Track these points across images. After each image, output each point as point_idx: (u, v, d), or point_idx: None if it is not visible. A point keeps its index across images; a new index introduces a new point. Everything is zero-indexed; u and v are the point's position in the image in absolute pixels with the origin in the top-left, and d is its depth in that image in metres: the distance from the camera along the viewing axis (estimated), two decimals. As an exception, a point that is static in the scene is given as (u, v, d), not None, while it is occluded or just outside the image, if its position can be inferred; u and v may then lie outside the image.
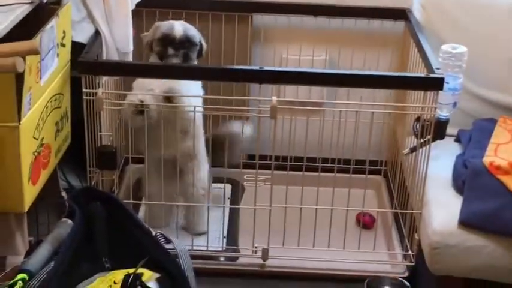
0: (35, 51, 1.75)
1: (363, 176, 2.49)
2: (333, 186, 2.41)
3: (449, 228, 2.21)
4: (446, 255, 2.20)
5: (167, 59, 2.37)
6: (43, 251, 1.81)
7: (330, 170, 2.56)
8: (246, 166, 2.62)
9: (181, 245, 1.76)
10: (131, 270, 1.64)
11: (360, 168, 2.54)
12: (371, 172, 2.66)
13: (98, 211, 1.78)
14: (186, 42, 2.39)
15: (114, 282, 1.61)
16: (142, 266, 1.67)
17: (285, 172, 2.48)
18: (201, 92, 2.44)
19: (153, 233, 1.77)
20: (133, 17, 2.66)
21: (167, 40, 2.38)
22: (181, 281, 1.69)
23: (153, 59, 2.42)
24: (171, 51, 2.36)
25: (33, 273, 1.71)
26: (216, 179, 2.65)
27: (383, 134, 2.90)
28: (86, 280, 1.67)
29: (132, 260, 1.70)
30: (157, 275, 1.65)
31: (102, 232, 1.78)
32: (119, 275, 1.63)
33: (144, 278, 1.61)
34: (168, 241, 1.76)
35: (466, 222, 2.20)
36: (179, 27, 2.40)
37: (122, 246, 1.76)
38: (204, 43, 2.47)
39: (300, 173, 2.48)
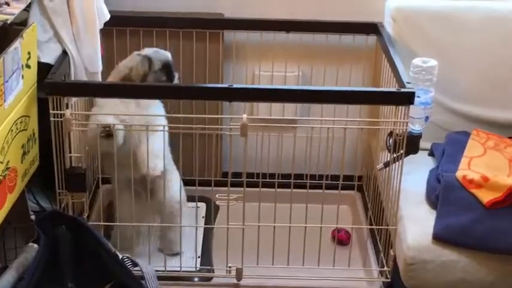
0: (-8, 74, 1.72)
1: (337, 191, 2.48)
2: (306, 203, 2.38)
3: (423, 244, 2.19)
4: (421, 270, 2.19)
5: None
6: (8, 277, 1.80)
7: (304, 186, 2.54)
8: (218, 184, 2.60)
9: (148, 267, 1.73)
10: (96, 296, 1.61)
11: (334, 183, 2.52)
12: (346, 187, 2.64)
13: (63, 235, 1.76)
14: None
15: (79, 308, 1.58)
16: (108, 291, 1.65)
17: (257, 189, 2.45)
18: (162, 109, 2.42)
19: (120, 256, 1.74)
20: (103, 36, 2.65)
21: (169, 67, 2.42)
22: (148, 304, 1.66)
23: None
24: (176, 75, 2.42)
25: (-2, 301, 1.68)
26: (189, 198, 2.61)
27: (358, 149, 2.88)
28: (51, 307, 1.64)
29: (98, 284, 1.68)
30: (122, 300, 1.62)
31: (67, 256, 1.76)
32: (84, 300, 1.60)
33: (109, 303, 1.58)
34: (135, 264, 1.73)
35: (439, 237, 2.19)
36: (163, 51, 2.44)
37: (88, 271, 1.74)
38: None
39: (273, 189, 2.45)
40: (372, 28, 2.75)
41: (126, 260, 1.73)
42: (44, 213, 1.85)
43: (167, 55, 2.44)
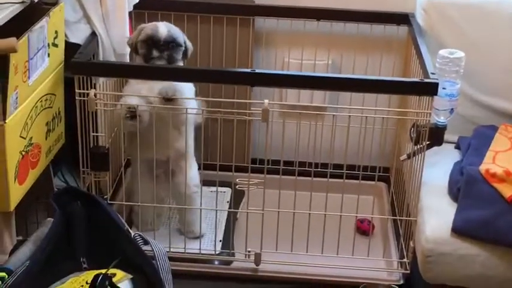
0: (12, 49, 1.76)
1: (363, 182, 2.49)
2: (326, 192, 2.37)
3: (442, 236, 2.18)
4: (439, 263, 2.17)
5: (152, 61, 2.35)
6: (25, 249, 1.82)
7: (326, 175, 2.52)
8: (246, 170, 2.61)
9: (159, 246, 1.75)
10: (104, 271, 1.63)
11: (355, 173, 2.53)
12: (372, 178, 2.62)
13: (78, 211, 1.78)
14: (170, 43, 2.36)
15: (87, 283, 1.60)
16: (118, 267, 1.66)
17: (277, 176, 2.45)
18: (193, 91, 2.43)
19: (132, 234, 1.76)
20: (135, 20, 2.69)
21: (151, 42, 2.35)
22: (156, 282, 1.68)
23: (138, 61, 2.42)
24: (155, 53, 2.34)
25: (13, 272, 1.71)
26: (213, 182, 2.62)
27: (387, 140, 2.87)
28: (59, 280, 1.66)
29: (109, 260, 1.69)
30: (130, 276, 1.64)
31: (81, 232, 1.77)
32: (93, 275, 1.62)
33: (116, 279, 1.60)
34: (146, 242, 1.75)
35: (459, 230, 2.17)
36: (163, 28, 2.37)
37: (100, 247, 1.76)
38: (189, 44, 2.45)
39: (294, 177, 2.46)
40: (403, 18, 2.73)
41: (137, 237, 1.75)
42: (60, 189, 1.87)
43: (157, 30, 2.35)
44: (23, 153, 2.02)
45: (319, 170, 2.61)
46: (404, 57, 2.81)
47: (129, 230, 1.76)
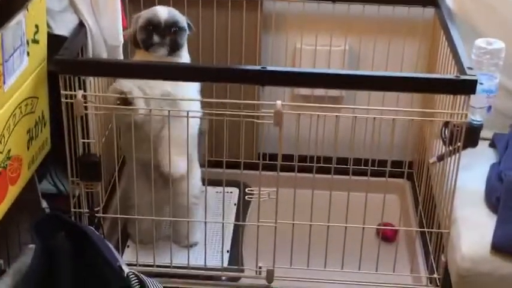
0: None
1: (384, 179, 2.20)
2: (348, 195, 2.11)
3: (480, 254, 1.94)
4: (476, 284, 1.94)
5: (153, 49, 2.08)
6: (2, 286, 1.58)
7: (344, 172, 2.25)
8: (252, 166, 2.38)
9: (156, 285, 1.50)
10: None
11: (380, 170, 2.27)
12: (394, 175, 2.35)
13: (61, 244, 1.54)
14: (172, 27, 2.09)
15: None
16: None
17: (293, 174, 2.18)
18: (197, 95, 2.16)
19: (125, 272, 1.50)
20: (128, 6, 2.42)
21: (151, 26, 2.08)
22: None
23: (139, 56, 2.15)
24: (156, 38, 2.07)
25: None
26: (218, 182, 2.34)
27: (408, 132, 2.60)
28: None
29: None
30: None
31: (66, 268, 1.53)
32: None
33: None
34: (141, 282, 1.49)
35: (500, 246, 1.93)
36: (163, 10, 2.11)
37: (87, 285, 1.51)
38: (192, 26, 2.18)
39: (310, 175, 2.19)
40: (429, -1, 2.45)
41: (131, 276, 1.50)
42: (41, 217, 1.62)
43: (156, 13, 2.10)
44: (0, 169, 1.75)
45: (329, 165, 2.31)
46: (430, 41, 2.54)
47: (122, 267, 1.51)
